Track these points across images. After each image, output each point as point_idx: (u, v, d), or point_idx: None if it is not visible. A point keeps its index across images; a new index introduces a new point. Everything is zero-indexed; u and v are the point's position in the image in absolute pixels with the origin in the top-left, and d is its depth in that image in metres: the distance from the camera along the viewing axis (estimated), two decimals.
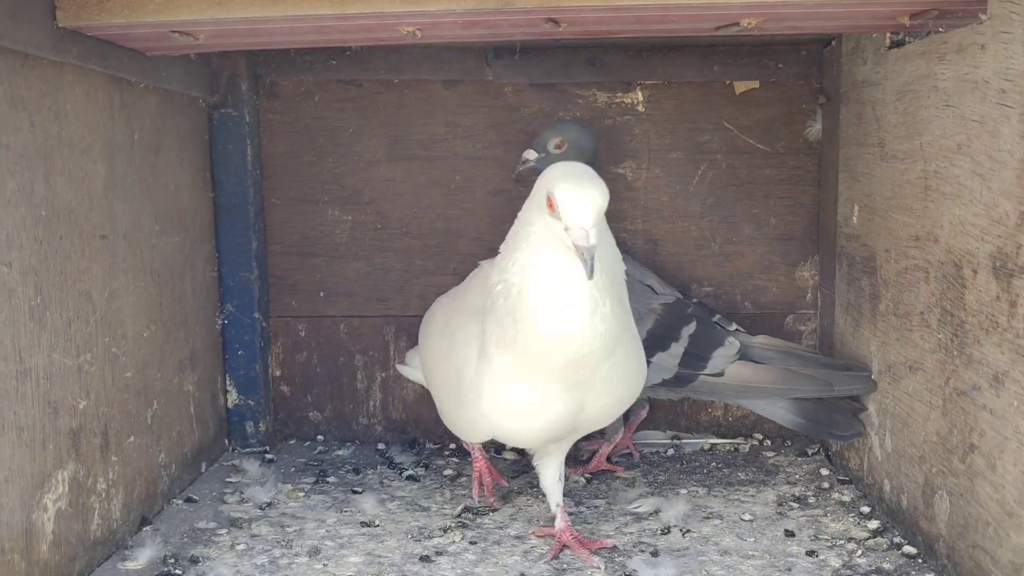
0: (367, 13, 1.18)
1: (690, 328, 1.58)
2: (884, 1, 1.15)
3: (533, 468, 1.71)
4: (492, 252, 1.81)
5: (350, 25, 1.25)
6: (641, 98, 1.81)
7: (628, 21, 1.29)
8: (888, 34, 1.42)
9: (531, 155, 1.65)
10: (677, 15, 1.24)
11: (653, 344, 1.55)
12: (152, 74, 1.45)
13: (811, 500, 1.54)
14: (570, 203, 1.11)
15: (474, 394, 1.27)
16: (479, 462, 1.57)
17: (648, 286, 1.64)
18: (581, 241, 1.09)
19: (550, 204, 1.13)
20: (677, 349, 1.57)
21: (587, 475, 1.66)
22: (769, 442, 1.84)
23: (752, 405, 1.62)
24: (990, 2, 1.10)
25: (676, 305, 1.62)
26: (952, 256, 1.21)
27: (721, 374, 1.56)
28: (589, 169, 1.19)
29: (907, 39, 1.37)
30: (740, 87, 1.79)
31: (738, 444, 1.83)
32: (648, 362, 1.52)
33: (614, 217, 1.80)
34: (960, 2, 1.13)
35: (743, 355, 1.58)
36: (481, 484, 1.56)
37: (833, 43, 1.69)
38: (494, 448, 1.82)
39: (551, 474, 1.40)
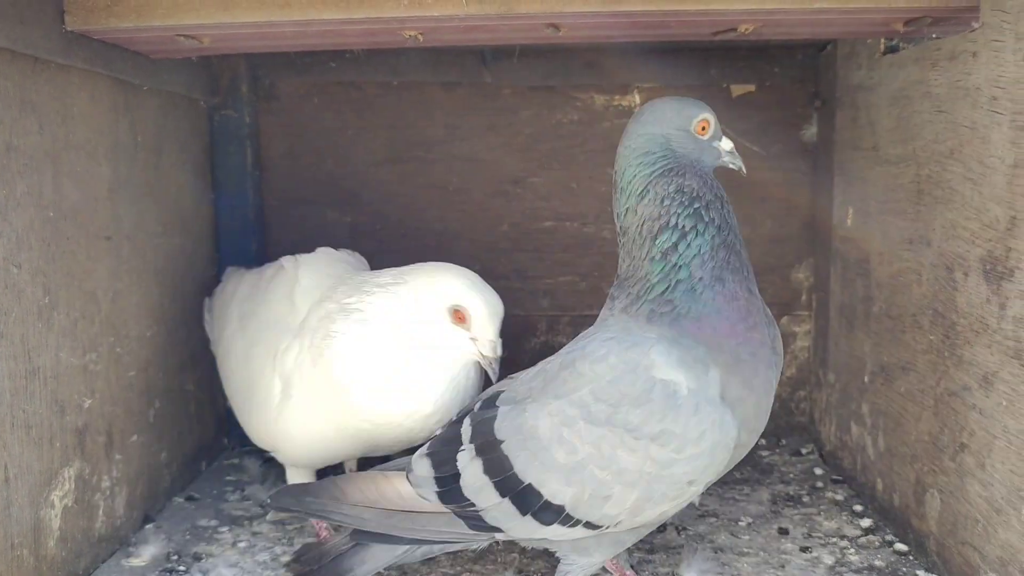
0: (372, 18, 1.20)
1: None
2: (878, 8, 1.17)
3: None
4: (490, 253, 1.85)
5: (354, 29, 1.27)
6: (639, 100, 1.83)
7: (627, 27, 1.31)
8: (883, 40, 1.44)
9: None
10: (676, 21, 1.26)
11: None
12: (155, 77, 1.46)
13: (805, 499, 1.56)
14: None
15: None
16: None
17: None
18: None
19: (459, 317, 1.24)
20: None
21: None
22: (764, 441, 1.86)
23: None
24: (982, 11, 1.12)
25: None
26: (944, 259, 1.23)
27: None
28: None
29: (901, 45, 1.39)
30: (736, 90, 1.82)
31: None
32: None
33: (612, 220, 1.83)
34: (953, 10, 1.16)
35: None
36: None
37: (829, 47, 1.71)
38: None
39: None
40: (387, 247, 1.85)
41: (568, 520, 1.08)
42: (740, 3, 1.16)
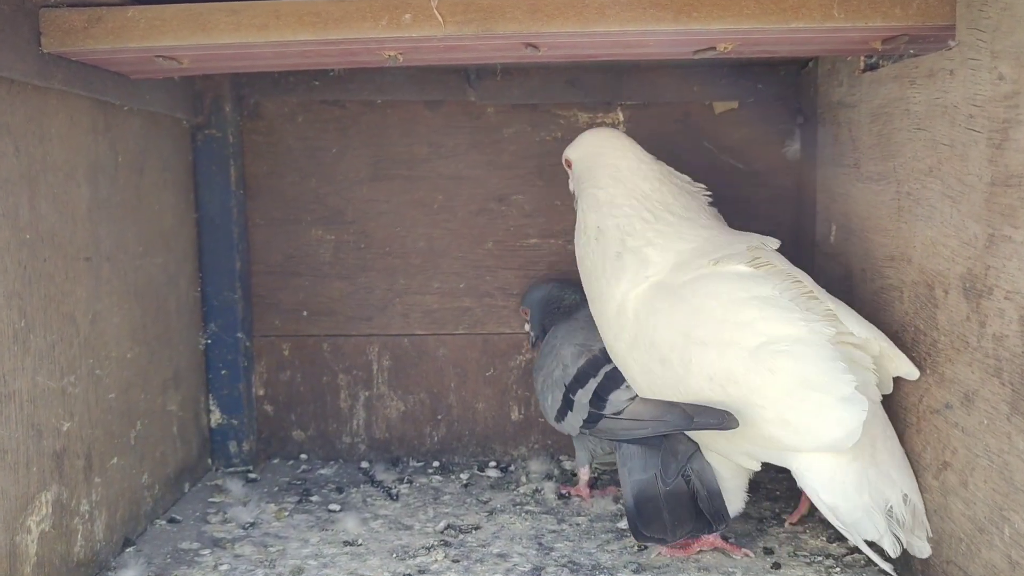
0: (349, 39, 1.20)
1: (608, 367, 1.50)
2: (855, 27, 1.18)
3: (514, 486, 1.73)
4: (475, 270, 1.85)
5: (332, 49, 1.27)
6: (622, 118, 1.83)
7: (606, 45, 1.31)
8: (862, 57, 1.44)
9: None
10: (654, 40, 1.26)
11: (577, 382, 1.53)
12: (136, 97, 1.46)
13: None
14: None
15: None
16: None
17: None
18: None
19: None
20: (592, 385, 1.51)
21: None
22: None
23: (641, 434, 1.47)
24: (958, 29, 1.13)
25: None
26: (925, 276, 1.23)
27: (620, 413, 1.46)
28: None
29: (881, 62, 1.40)
30: (719, 107, 1.82)
31: None
32: (571, 400, 1.54)
33: None
34: (930, 28, 1.16)
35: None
36: None
37: (810, 64, 1.72)
38: (477, 466, 1.83)
39: None
40: (371, 264, 1.85)
41: None
42: (717, 23, 1.16)
